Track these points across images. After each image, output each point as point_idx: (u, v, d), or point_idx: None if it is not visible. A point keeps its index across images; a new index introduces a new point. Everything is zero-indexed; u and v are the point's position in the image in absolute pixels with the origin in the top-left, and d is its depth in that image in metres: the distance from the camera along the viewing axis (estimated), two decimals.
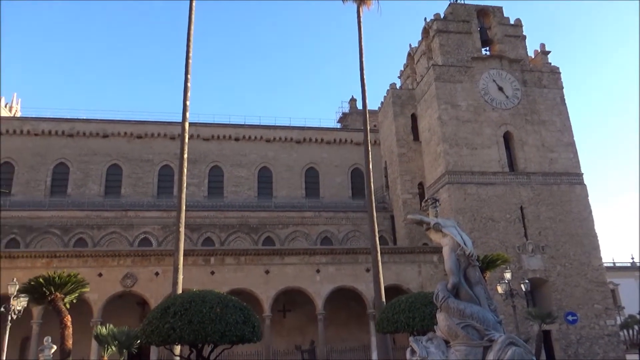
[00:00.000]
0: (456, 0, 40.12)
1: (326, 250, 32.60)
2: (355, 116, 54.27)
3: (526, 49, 39.40)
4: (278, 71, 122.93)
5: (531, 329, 30.09)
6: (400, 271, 31.42)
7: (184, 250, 21.97)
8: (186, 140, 22.82)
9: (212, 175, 42.27)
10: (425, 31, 40.66)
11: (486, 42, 39.41)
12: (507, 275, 25.64)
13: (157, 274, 28.58)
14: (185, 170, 22.61)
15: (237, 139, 43.47)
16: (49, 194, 39.04)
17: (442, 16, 38.91)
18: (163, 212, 37.77)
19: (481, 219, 32.95)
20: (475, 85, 36.55)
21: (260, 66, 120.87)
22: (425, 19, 40.39)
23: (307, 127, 45.40)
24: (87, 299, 26.63)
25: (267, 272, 29.86)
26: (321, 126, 46.73)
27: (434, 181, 35.82)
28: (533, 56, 39.72)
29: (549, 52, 39.71)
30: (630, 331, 46.90)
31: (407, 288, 30.28)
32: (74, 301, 21.36)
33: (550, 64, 39.07)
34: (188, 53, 23.73)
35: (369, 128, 26.78)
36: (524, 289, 26.60)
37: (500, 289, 25.31)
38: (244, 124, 44.67)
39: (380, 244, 25.52)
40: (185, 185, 22.47)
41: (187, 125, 23.06)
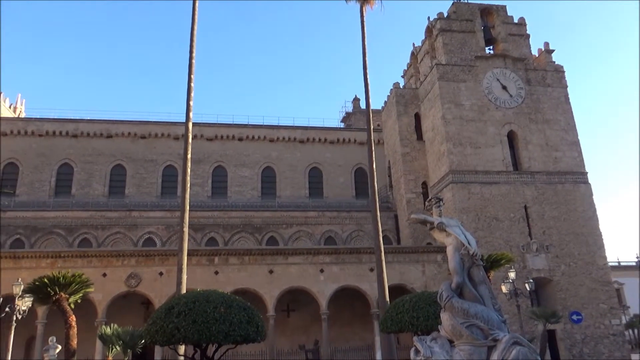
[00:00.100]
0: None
1: (330, 250, 32.57)
2: (358, 116, 54.28)
3: (530, 47, 39.32)
4: (281, 71, 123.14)
5: (536, 328, 29.99)
6: (404, 271, 31.39)
7: (188, 250, 22.00)
8: (190, 140, 22.85)
9: (215, 175, 42.36)
10: (429, 30, 40.62)
11: (490, 41, 39.34)
12: (512, 275, 25.60)
13: (161, 274, 28.65)
14: (189, 171, 22.62)
15: (240, 139, 43.54)
16: (54, 194, 39.22)
17: (445, 15, 38.89)
18: (167, 212, 37.90)
19: (485, 218, 32.88)
20: (479, 85, 36.47)
21: (263, 66, 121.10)
22: (429, 18, 40.39)
23: (311, 127, 45.43)
24: (92, 299, 26.72)
25: (270, 272, 29.88)
26: (324, 126, 46.79)
27: (437, 180, 35.76)
28: (537, 55, 39.59)
29: (553, 51, 39.58)
30: (636, 331, 46.59)
31: (411, 287, 30.25)
32: (78, 301, 21.40)
33: (554, 62, 38.91)
34: (191, 53, 23.72)
35: (372, 127, 26.71)
36: (528, 289, 26.56)
37: (504, 289, 25.30)
38: (247, 124, 44.73)
39: (384, 244, 25.49)
40: (189, 185, 22.49)
41: (190, 125, 23.08)
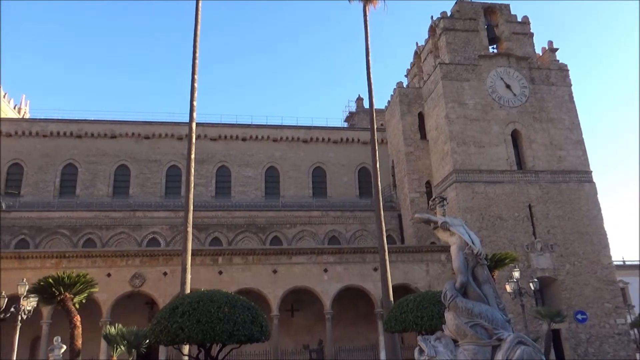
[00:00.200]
0: None
1: (334, 249, 32.56)
2: (362, 115, 54.22)
3: (534, 46, 39.15)
4: (285, 70, 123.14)
5: (540, 328, 29.90)
6: (408, 270, 31.36)
7: (192, 250, 22.05)
8: (193, 140, 22.86)
9: (219, 175, 42.41)
10: (432, 29, 40.53)
11: (493, 40, 39.21)
12: (516, 274, 25.50)
13: (165, 273, 28.72)
14: (193, 171, 22.64)
15: (244, 139, 43.57)
16: (58, 194, 39.34)
17: (449, 14, 38.76)
18: (171, 212, 37.97)
19: (489, 217, 32.79)
20: (483, 84, 36.38)
21: (266, 66, 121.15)
22: (432, 17, 40.32)
23: (314, 127, 45.43)
24: (96, 299, 26.81)
25: (274, 271, 29.90)
26: (328, 125, 46.80)
27: (441, 180, 35.69)
28: (541, 54, 39.43)
29: (557, 50, 39.42)
30: None
31: (415, 287, 30.22)
32: (83, 301, 21.50)
33: (558, 61, 38.74)
34: (195, 54, 23.75)
35: (375, 127, 26.72)
36: (532, 288, 26.48)
37: (508, 288, 25.20)
38: (250, 123, 44.77)
39: (387, 243, 25.48)
40: (192, 185, 22.53)
41: (194, 125, 23.12)
